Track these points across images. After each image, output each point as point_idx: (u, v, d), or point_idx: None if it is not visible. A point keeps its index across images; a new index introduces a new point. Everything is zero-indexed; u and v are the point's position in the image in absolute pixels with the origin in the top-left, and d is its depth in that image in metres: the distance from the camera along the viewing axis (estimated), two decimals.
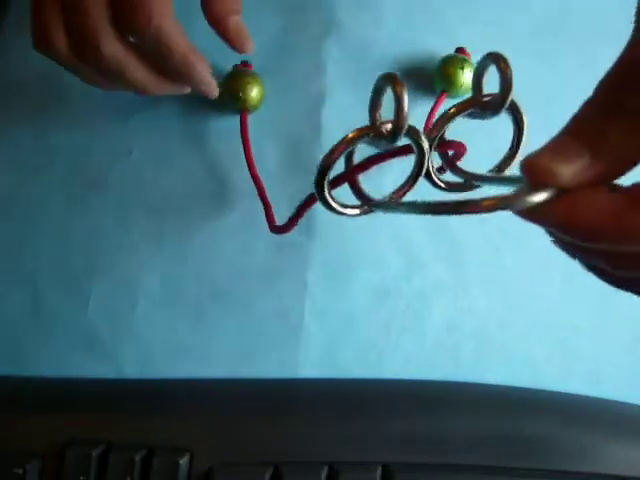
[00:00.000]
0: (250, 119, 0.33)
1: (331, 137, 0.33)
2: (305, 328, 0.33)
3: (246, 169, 0.32)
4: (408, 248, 0.33)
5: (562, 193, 0.16)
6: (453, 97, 0.33)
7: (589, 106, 0.18)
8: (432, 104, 0.33)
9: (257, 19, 0.33)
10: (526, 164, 0.16)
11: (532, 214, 0.17)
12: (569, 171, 0.16)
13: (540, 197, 0.16)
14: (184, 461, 0.28)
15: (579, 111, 0.18)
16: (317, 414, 0.31)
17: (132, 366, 0.32)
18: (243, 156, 0.32)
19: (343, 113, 0.33)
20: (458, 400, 0.32)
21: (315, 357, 0.33)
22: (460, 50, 0.34)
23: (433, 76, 0.34)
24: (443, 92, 0.33)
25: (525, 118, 0.22)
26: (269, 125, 0.34)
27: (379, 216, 0.33)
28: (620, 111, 0.17)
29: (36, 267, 0.32)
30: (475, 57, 0.33)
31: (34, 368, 0.32)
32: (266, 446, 0.29)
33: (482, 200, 0.16)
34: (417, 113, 0.33)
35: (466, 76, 0.33)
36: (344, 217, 0.23)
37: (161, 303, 0.32)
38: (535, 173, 0.16)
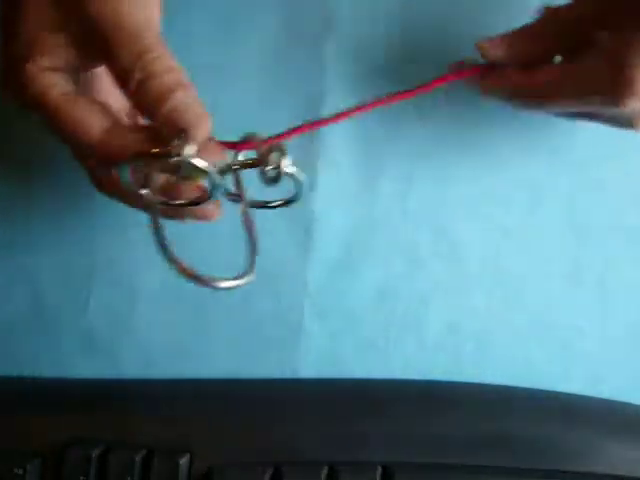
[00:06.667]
0: None
1: (331, 137, 0.33)
2: (305, 328, 0.33)
3: None
4: (408, 248, 0.33)
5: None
6: None
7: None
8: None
9: (256, 18, 0.33)
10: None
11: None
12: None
13: None
14: (184, 461, 0.28)
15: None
16: (317, 414, 0.31)
17: (132, 366, 0.32)
18: None
19: None
20: (458, 400, 0.32)
21: (315, 357, 0.33)
22: None
23: None
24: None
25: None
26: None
27: (380, 216, 0.33)
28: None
29: (36, 267, 0.32)
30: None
31: (34, 368, 0.32)
32: (266, 446, 0.29)
33: None
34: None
35: None
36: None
37: (161, 303, 0.32)
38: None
